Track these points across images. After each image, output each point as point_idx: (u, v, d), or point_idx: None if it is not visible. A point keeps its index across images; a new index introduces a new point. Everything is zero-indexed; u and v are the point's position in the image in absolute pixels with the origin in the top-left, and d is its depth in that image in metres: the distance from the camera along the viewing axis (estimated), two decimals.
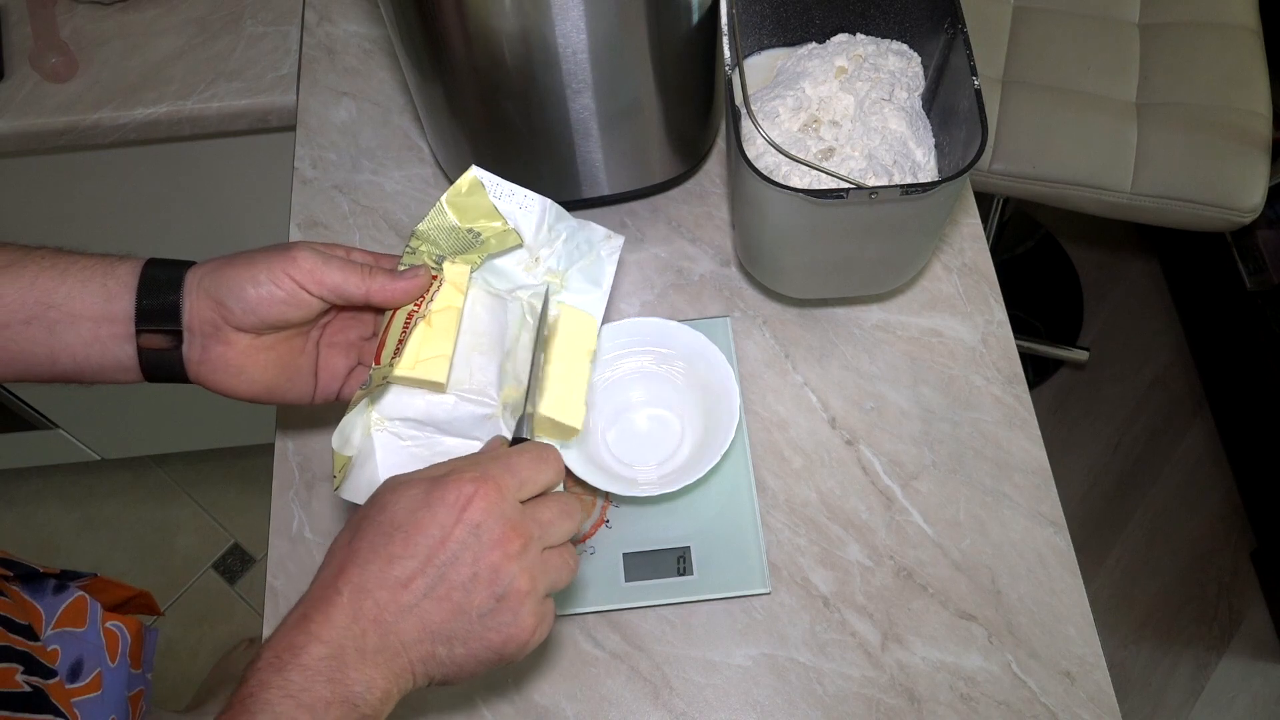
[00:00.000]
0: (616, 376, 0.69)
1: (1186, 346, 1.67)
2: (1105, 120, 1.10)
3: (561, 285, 0.60)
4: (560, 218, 0.60)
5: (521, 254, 0.59)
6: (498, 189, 0.58)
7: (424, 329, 0.53)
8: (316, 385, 0.57)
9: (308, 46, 0.90)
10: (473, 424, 0.54)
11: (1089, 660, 0.63)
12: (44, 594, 0.68)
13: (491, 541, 0.44)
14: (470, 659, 0.44)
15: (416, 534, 0.43)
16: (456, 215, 0.57)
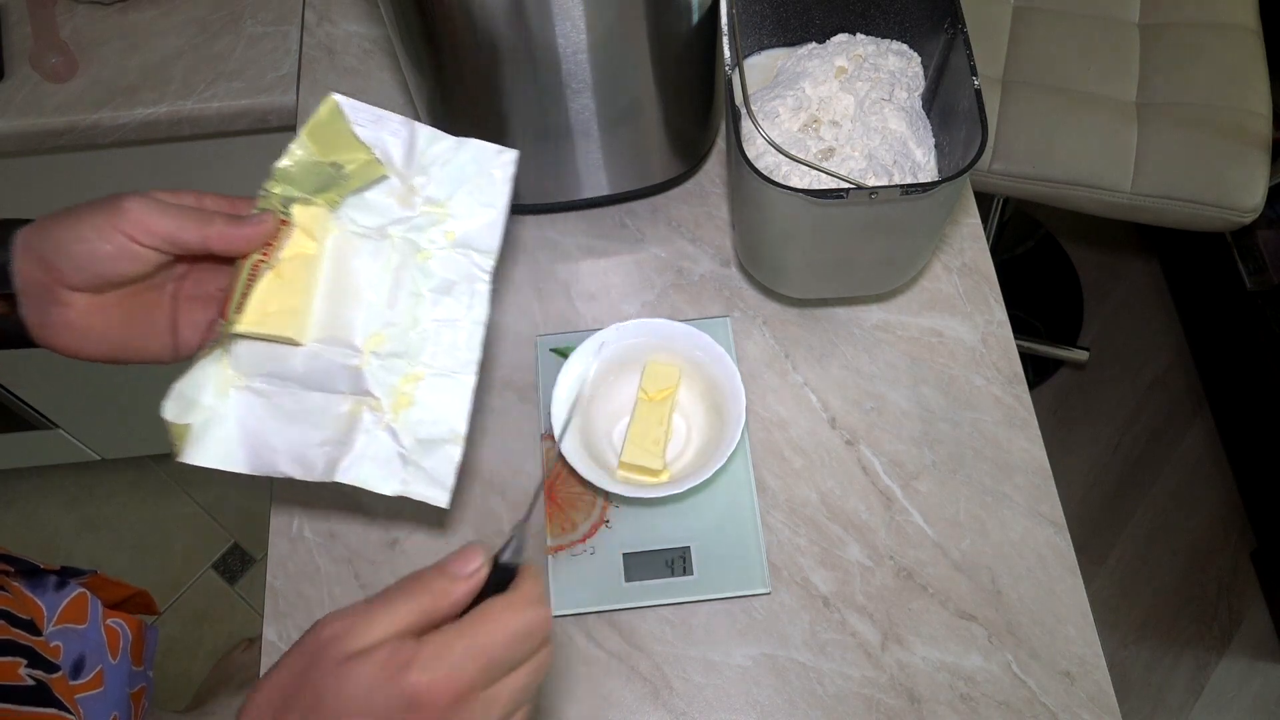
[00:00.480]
0: (623, 377, 0.69)
1: (1186, 346, 1.67)
2: (1105, 120, 1.10)
3: (446, 214, 0.53)
4: (434, 140, 0.53)
5: (393, 185, 0.53)
6: (361, 115, 0.53)
7: (271, 279, 0.49)
8: (177, 341, 0.53)
9: (308, 46, 0.90)
10: (336, 376, 0.50)
11: (1089, 660, 0.63)
12: (45, 590, 0.68)
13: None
14: None
15: (341, 710, 0.36)
16: (317, 148, 0.52)
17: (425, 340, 0.51)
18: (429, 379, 0.50)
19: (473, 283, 0.52)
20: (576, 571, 0.65)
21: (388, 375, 0.50)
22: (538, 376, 0.72)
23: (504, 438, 0.71)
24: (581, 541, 0.66)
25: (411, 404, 0.50)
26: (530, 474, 0.69)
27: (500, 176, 0.54)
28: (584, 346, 0.67)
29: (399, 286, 0.51)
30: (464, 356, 0.51)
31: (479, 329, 0.52)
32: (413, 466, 0.49)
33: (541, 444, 0.70)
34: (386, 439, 0.49)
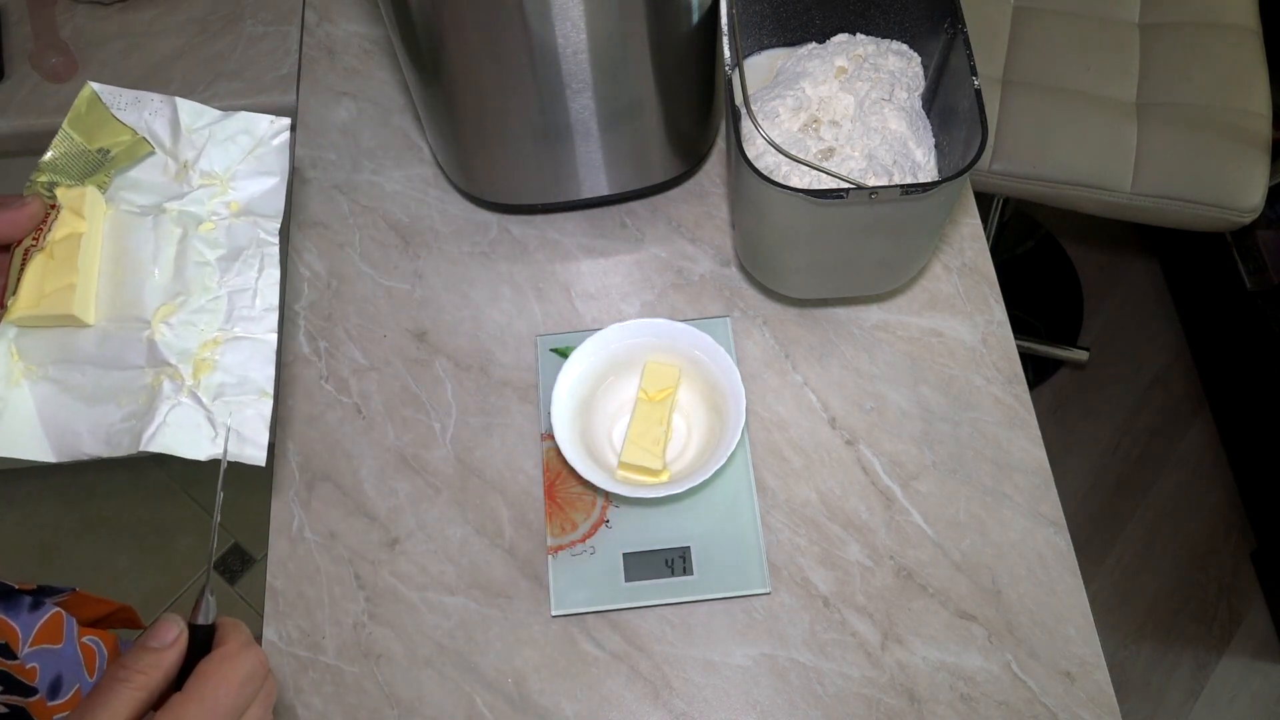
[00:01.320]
0: (623, 377, 0.69)
1: (1186, 346, 1.67)
2: (1105, 120, 1.10)
3: (227, 186, 0.54)
4: (199, 115, 0.55)
5: (165, 163, 0.54)
6: (120, 99, 0.54)
7: (42, 260, 0.49)
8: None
9: (308, 46, 0.90)
10: (130, 351, 0.50)
11: (1089, 660, 0.63)
12: (19, 611, 0.67)
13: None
14: None
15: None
16: (83, 138, 0.53)
17: (220, 306, 0.52)
18: (227, 343, 0.51)
19: (261, 247, 0.53)
20: (576, 571, 0.65)
21: (183, 343, 0.50)
22: (538, 376, 0.72)
23: (504, 437, 0.71)
24: (581, 541, 0.66)
25: (214, 369, 0.50)
26: (530, 473, 0.69)
27: (277, 144, 0.55)
28: (584, 346, 0.67)
29: (184, 258, 0.52)
30: (261, 317, 0.52)
31: (273, 290, 0.52)
32: (222, 428, 0.49)
33: (541, 444, 0.70)
34: (190, 404, 0.49)
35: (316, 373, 0.74)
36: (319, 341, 0.75)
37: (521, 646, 0.64)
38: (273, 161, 0.55)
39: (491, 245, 0.79)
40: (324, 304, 0.77)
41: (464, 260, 0.78)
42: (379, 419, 0.72)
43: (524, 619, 0.65)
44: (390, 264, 0.78)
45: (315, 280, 0.78)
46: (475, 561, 0.67)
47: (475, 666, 0.64)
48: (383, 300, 0.77)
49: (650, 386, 0.68)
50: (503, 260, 0.78)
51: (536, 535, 0.67)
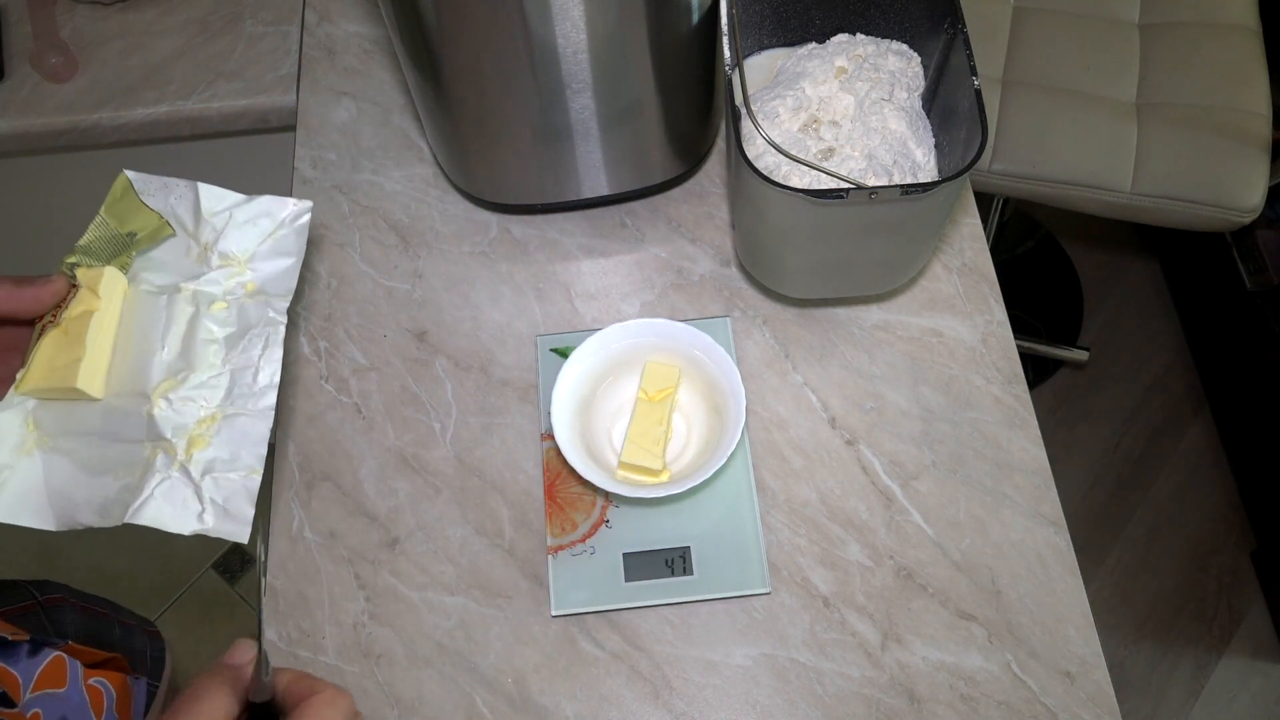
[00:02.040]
0: (623, 377, 0.69)
1: (1186, 346, 1.67)
2: (1105, 120, 1.10)
3: (245, 268, 0.55)
4: (221, 199, 0.56)
5: (188, 245, 0.56)
6: (150, 185, 0.56)
7: (55, 336, 0.52)
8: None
9: (308, 46, 0.90)
10: (131, 424, 0.51)
11: (1089, 660, 0.63)
12: (18, 659, 0.66)
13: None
14: None
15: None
16: (115, 222, 0.56)
17: (221, 383, 0.52)
18: (224, 420, 0.52)
19: (268, 325, 0.54)
20: (576, 571, 0.65)
21: (181, 418, 0.51)
22: (538, 376, 0.72)
23: (504, 438, 0.71)
24: (581, 541, 0.66)
25: (207, 445, 0.51)
26: (530, 473, 0.69)
27: (298, 226, 0.56)
28: (584, 346, 0.67)
29: (192, 335, 0.53)
30: (261, 394, 0.52)
31: (275, 366, 0.53)
32: (209, 503, 0.50)
33: (541, 444, 0.70)
34: (179, 478, 0.50)
35: (316, 373, 0.74)
36: (319, 341, 0.75)
37: (521, 646, 0.64)
38: (291, 243, 0.56)
39: (491, 245, 0.79)
40: (324, 304, 0.77)
41: (464, 260, 0.78)
42: (379, 419, 0.72)
43: (524, 619, 0.65)
44: (390, 264, 0.78)
45: (315, 280, 0.78)
46: (475, 561, 0.67)
47: (475, 666, 0.64)
48: (383, 300, 0.77)
49: (650, 386, 0.68)
50: (503, 260, 0.78)
51: (536, 535, 0.67)
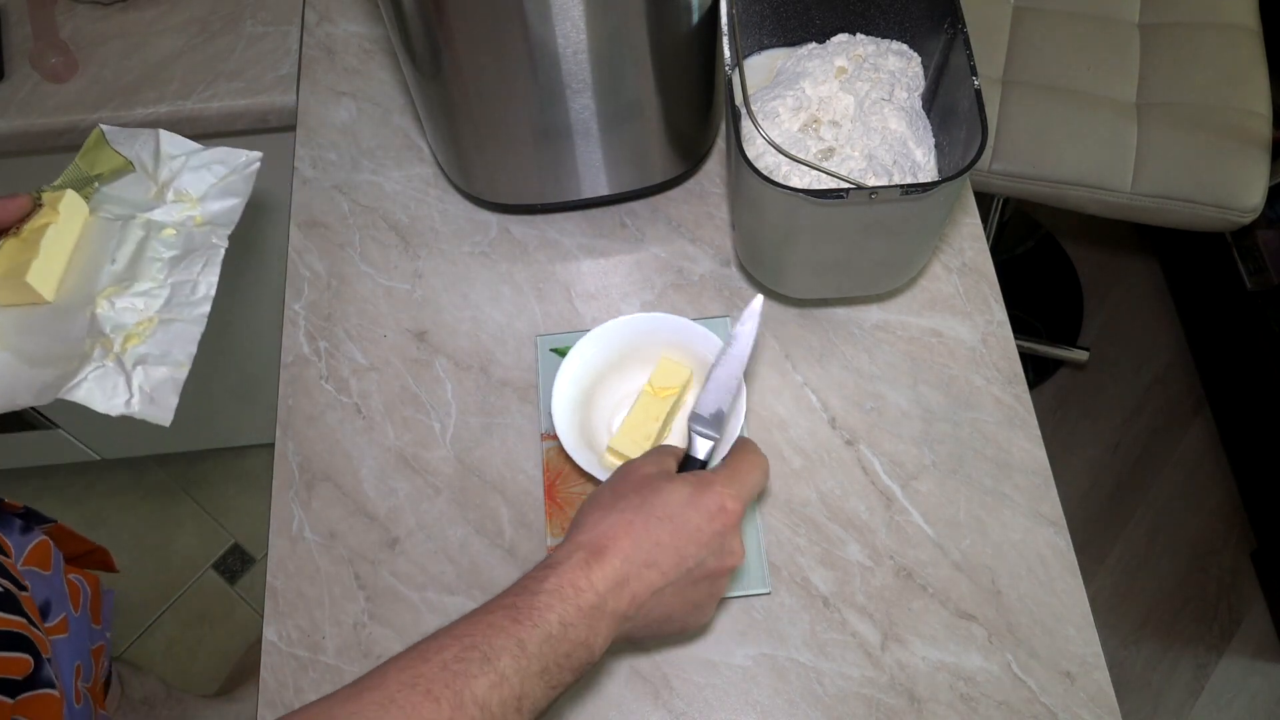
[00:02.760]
0: (633, 369, 0.69)
1: (1186, 346, 1.67)
2: (1105, 120, 1.10)
3: (196, 204, 0.63)
4: (179, 146, 0.64)
5: (145, 184, 0.63)
6: (119, 135, 0.64)
7: (14, 243, 0.58)
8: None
9: (308, 46, 0.90)
10: (76, 323, 0.57)
11: (1089, 660, 0.63)
12: (11, 530, 0.68)
13: (725, 553, 0.50)
14: (665, 630, 0.51)
15: (681, 528, 0.49)
16: (86, 167, 0.63)
17: (162, 294, 0.59)
18: (161, 323, 0.59)
19: (209, 250, 0.61)
20: None
21: (120, 318, 0.58)
22: (538, 376, 0.72)
23: (504, 438, 0.71)
24: None
25: (141, 341, 0.57)
26: (530, 473, 0.69)
27: (247, 173, 0.65)
28: (595, 333, 0.67)
29: (140, 253, 0.60)
30: (196, 304, 0.60)
31: (212, 283, 0.60)
32: (137, 390, 0.55)
33: (542, 444, 0.70)
34: (113, 368, 0.55)
35: (316, 373, 0.74)
36: (319, 341, 0.75)
37: None
38: (239, 187, 0.64)
39: (491, 245, 0.79)
40: (324, 304, 0.77)
41: (464, 260, 0.78)
42: (379, 419, 0.72)
43: None
44: (390, 264, 0.78)
45: (315, 280, 0.78)
46: (475, 561, 0.67)
47: None
48: (383, 300, 0.77)
49: (659, 380, 0.67)
50: (503, 260, 0.78)
51: (536, 535, 0.67)
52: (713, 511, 0.50)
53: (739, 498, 0.51)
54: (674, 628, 0.51)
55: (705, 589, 0.50)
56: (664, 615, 0.49)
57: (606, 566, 0.47)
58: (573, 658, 0.45)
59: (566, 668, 0.44)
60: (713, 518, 0.50)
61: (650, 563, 0.48)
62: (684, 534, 0.49)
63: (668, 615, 0.50)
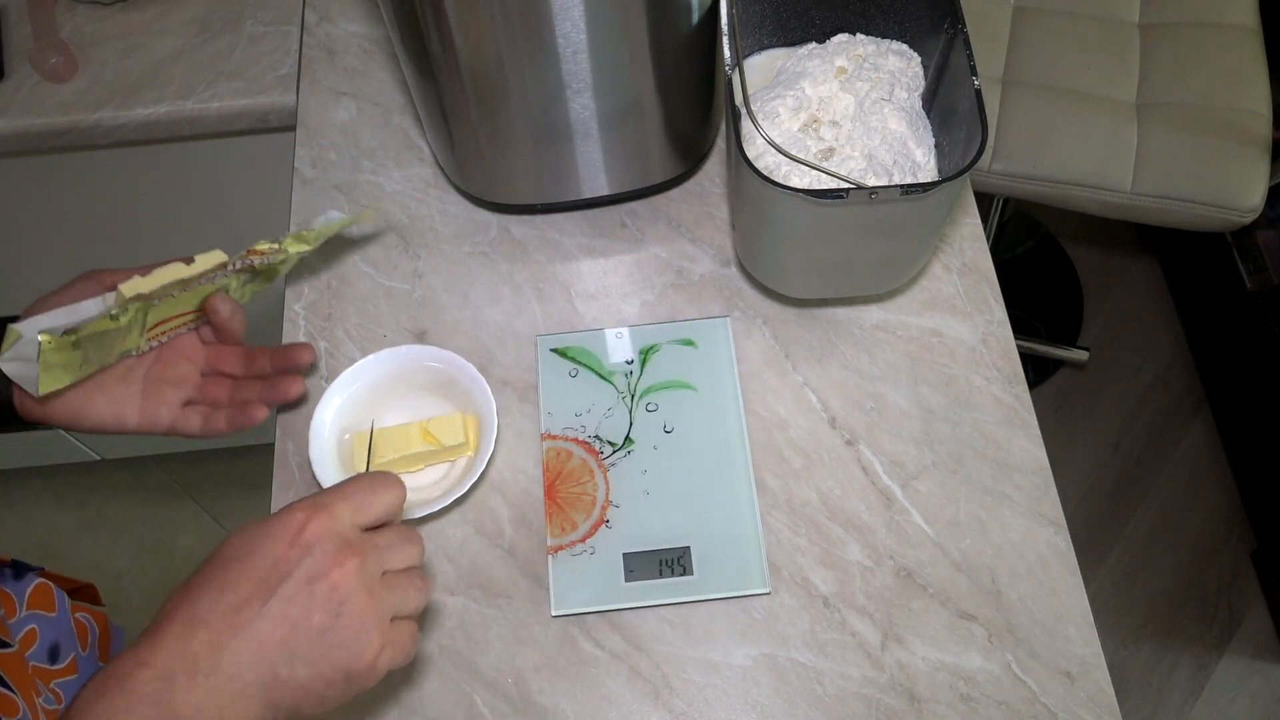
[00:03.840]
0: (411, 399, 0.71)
1: (1186, 346, 1.67)
2: (1105, 120, 1.10)
3: (313, 242, 0.67)
4: (328, 217, 0.68)
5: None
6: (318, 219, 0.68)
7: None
8: (141, 417, 0.62)
9: (308, 46, 0.90)
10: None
11: (1089, 660, 0.63)
12: (4, 579, 0.68)
13: (326, 561, 0.44)
14: (317, 680, 0.43)
15: (250, 561, 0.43)
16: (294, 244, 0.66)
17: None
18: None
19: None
20: (576, 571, 0.65)
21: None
22: (537, 376, 0.72)
23: (504, 437, 0.71)
24: (581, 541, 0.66)
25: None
26: (530, 473, 0.69)
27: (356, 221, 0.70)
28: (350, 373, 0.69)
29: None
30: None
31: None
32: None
33: (542, 444, 0.70)
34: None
35: (316, 373, 0.74)
36: (319, 341, 0.75)
37: (521, 646, 0.64)
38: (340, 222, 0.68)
39: (491, 245, 0.79)
40: (324, 304, 0.77)
41: (464, 260, 0.78)
42: None
43: (524, 619, 0.65)
44: (390, 264, 0.78)
45: (315, 280, 0.78)
46: (475, 561, 0.67)
47: (475, 666, 0.64)
48: (383, 300, 0.77)
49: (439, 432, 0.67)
50: (503, 260, 0.78)
51: (536, 535, 0.67)
52: (284, 532, 0.44)
53: (318, 507, 0.45)
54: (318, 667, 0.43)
55: (321, 610, 0.43)
56: (281, 652, 0.42)
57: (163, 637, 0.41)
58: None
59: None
60: (286, 537, 0.44)
61: (217, 609, 0.42)
62: (253, 566, 0.43)
63: (288, 652, 0.42)
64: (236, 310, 0.64)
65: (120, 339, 0.59)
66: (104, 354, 0.59)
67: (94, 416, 0.61)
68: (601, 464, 0.69)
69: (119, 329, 0.58)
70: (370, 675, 0.45)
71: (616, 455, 0.69)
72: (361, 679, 0.45)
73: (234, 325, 0.64)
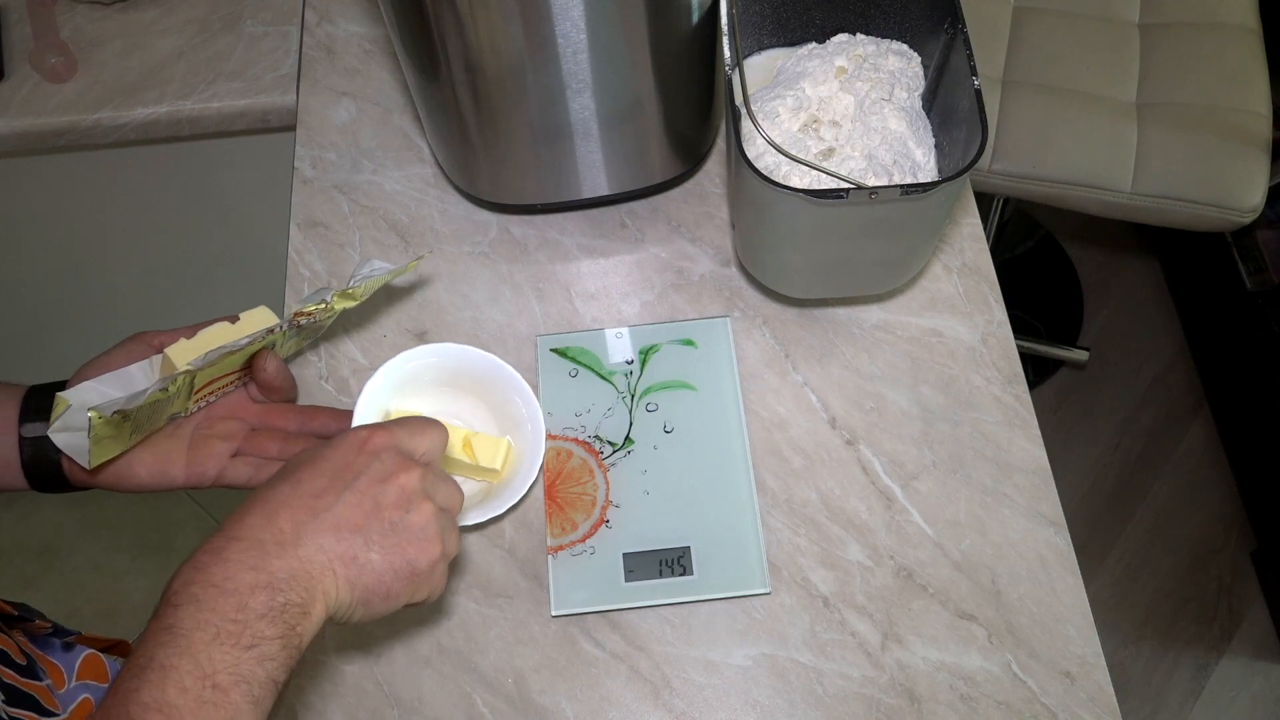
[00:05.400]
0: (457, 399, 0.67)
1: (1186, 346, 1.67)
2: (1105, 120, 1.10)
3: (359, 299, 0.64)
4: (370, 267, 0.65)
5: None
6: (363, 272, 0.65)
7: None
8: (188, 472, 0.61)
9: (308, 46, 0.90)
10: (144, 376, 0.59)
11: (1089, 660, 0.63)
12: (54, 650, 0.67)
13: (394, 465, 0.47)
14: (387, 569, 0.45)
15: (322, 464, 0.46)
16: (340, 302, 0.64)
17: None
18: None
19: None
20: (576, 571, 0.65)
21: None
22: (538, 376, 0.72)
23: None
24: (581, 541, 0.66)
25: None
26: None
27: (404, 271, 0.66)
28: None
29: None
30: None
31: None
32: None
33: None
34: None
35: (316, 373, 0.74)
36: (319, 341, 0.75)
37: (521, 646, 0.64)
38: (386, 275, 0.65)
39: (491, 245, 0.79)
40: None
41: (464, 260, 0.78)
42: None
43: (524, 619, 0.65)
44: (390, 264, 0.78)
45: (315, 280, 0.78)
46: (475, 561, 0.67)
47: (475, 666, 0.64)
48: (383, 301, 0.77)
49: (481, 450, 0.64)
50: (503, 260, 0.78)
51: (536, 535, 0.67)
52: (351, 442, 0.47)
53: (377, 428, 0.49)
54: (389, 556, 0.45)
55: (393, 503, 0.46)
56: (359, 531, 0.45)
57: (247, 516, 0.44)
58: (252, 602, 0.40)
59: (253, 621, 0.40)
60: (354, 446, 0.47)
61: (296, 495, 0.44)
62: (324, 466, 0.46)
63: (364, 532, 0.45)
64: (282, 368, 0.62)
65: (168, 405, 0.58)
66: (154, 421, 0.58)
67: (140, 477, 0.60)
68: (601, 464, 0.69)
69: (167, 398, 0.57)
70: (429, 582, 0.48)
71: (616, 455, 0.69)
72: (422, 582, 0.47)
73: (281, 382, 0.62)
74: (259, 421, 0.64)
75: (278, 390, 0.63)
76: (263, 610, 0.41)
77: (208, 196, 1.06)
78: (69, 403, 0.55)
